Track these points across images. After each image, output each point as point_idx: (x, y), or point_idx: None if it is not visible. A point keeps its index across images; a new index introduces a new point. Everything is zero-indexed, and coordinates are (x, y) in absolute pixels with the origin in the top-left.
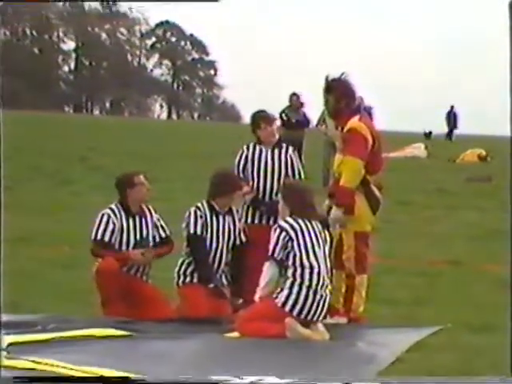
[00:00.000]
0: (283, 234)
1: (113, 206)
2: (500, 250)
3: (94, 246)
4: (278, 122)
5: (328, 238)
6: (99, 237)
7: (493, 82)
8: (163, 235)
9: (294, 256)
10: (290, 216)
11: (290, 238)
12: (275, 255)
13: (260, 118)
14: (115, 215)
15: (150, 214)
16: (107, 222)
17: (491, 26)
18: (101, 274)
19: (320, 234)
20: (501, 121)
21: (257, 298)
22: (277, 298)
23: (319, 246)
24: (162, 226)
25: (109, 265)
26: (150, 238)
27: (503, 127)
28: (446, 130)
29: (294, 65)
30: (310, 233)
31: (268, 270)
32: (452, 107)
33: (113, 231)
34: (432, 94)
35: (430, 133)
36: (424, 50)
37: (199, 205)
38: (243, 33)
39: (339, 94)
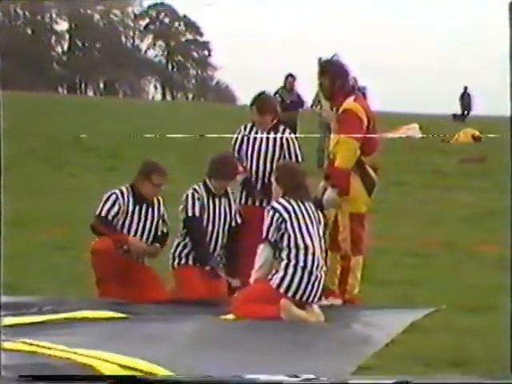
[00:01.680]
0: (276, 215)
1: (123, 189)
2: (494, 230)
3: (96, 221)
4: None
5: (322, 219)
6: (103, 213)
7: (491, 63)
8: (164, 230)
9: (288, 237)
10: (283, 197)
11: (284, 220)
12: (269, 237)
13: (254, 103)
14: (123, 198)
15: (158, 205)
16: (113, 203)
17: (491, 9)
18: (96, 253)
19: (313, 214)
20: (498, 101)
21: (252, 280)
22: (272, 279)
23: (313, 227)
24: (164, 221)
25: (105, 245)
26: (153, 229)
27: (498, 107)
28: (440, 111)
29: (290, 45)
30: (303, 213)
31: (262, 252)
32: (466, 88)
33: (117, 213)
34: (429, 74)
35: (463, 114)
36: (422, 31)
37: (196, 187)
38: (237, 13)
39: (333, 75)
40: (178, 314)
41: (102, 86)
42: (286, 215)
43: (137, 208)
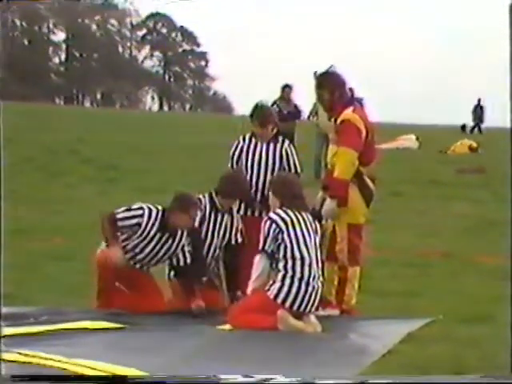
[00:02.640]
0: (273, 226)
1: (153, 210)
2: (492, 241)
3: (109, 218)
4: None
5: (318, 229)
6: (118, 217)
7: (491, 74)
8: (188, 260)
9: (285, 248)
10: (280, 208)
11: (281, 230)
12: (266, 248)
13: (254, 115)
14: (149, 219)
15: (181, 235)
16: (134, 216)
17: (491, 15)
18: (101, 263)
19: (310, 225)
20: (498, 112)
21: (249, 290)
22: (269, 290)
23: (310, 238)
24: (188, 251)
25: (110, 255)
26: (164, 258)
27: (497, 119)
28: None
29: (285, 56)
30: (300, 224)
31: (259, 263)
32: (479, 100)
33: (131, 226)
34: (429, 84)
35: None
36: (422, 39)
37: (200, 197)
38: (234, 24)
39: (331, 87)
40: (175, 324)
41: (99, 96)
42: (282, 226)
43: (158, 234)
